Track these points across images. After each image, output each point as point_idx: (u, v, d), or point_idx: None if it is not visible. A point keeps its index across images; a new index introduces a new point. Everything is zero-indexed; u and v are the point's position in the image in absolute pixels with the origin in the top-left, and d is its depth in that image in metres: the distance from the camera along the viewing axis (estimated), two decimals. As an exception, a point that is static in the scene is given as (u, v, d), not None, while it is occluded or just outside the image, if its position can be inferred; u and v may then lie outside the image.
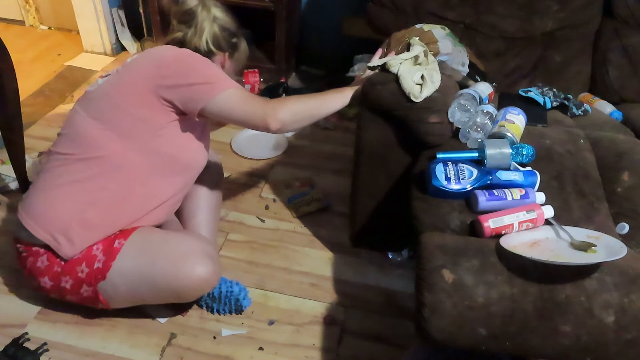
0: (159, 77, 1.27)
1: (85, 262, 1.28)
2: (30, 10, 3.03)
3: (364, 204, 1.57)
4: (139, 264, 1.28)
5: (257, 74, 2.48)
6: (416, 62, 1.39)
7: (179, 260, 1.29)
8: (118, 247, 1.28)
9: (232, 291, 1.47)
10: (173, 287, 1.30)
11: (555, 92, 1.65)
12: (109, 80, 1.34)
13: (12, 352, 1.31)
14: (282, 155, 2.15)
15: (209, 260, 1.31)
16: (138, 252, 1.29)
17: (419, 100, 1.32)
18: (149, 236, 1.34)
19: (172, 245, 1.32)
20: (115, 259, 1.27)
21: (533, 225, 1.11)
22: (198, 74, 1.29)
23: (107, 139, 1.28)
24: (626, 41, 1.83)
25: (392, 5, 1.93)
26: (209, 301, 1.49)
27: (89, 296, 1.31)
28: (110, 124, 1.29)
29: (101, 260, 1.28)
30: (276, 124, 1.27)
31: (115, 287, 1.29)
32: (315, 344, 1.43)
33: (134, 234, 1.32)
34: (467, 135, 1.34)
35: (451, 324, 1.00)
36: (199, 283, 1.30)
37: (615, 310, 0.97)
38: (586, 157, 1.34)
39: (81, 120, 1.32)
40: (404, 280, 1.61)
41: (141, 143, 1.30)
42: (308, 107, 1.36)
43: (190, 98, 1.27)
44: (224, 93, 1.27)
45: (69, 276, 1.29)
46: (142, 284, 1.29)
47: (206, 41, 1.40)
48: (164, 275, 1.28)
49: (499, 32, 1.90)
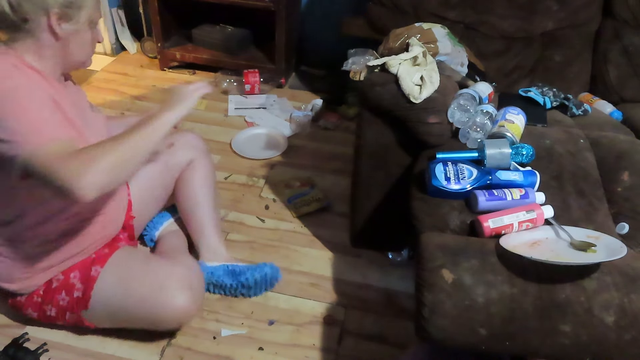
0: None
1: (65, 291, 1.28)
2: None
3: (364, 204, 1.57)
4: (118, 293, 1.27)
5: (257, 74, 2.48)
6: (415, 62, 1.39)
7: (157, 290, 1.26)
8: (95, 275, 1.27)
9: (265, 273, 1.50)
10: (151, 317, 1.28)
11: (555, 92, 1.64)
12: None
13: (12, 352, 1.31)
14: (282, 155, 2.15)
15: (187, 290, 1.27)
16: (117, 279, 1.28)
17: (418, 101, 1.32)
18: (129, 262, 1.33)
19: (151, 274, 1.29)
20: (94, 288, 1.26)
21: (533, 225, 1.11)
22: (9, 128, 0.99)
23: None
24: (626, 41, 1.83)
25: (392, 5, 1.93)
26: (244, 291, 1.51)
27: (75, 320, 1.32)
28: None
29: (80, 289, 1.28)
30: (87, 194, 0.97)
31: (96, 314, 1.30)
32: (315, 344, 1.43)
33: (112, 258, 1.30)
34: (466, 135, 1.34)
35: (451, 324, 1.00)
36: (177, 314, 1.28)
37: (615, 310, 0.97)
38: (586, 157, 1.34)
39: None
40: (404, 280, 1.61)
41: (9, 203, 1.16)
42: (127, 153, 1.04)
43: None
44: (33, 150, 0.99)
45: (51, 305, 1.30)
46: (122, 313, 1.29)
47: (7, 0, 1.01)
48: (143, 305, 1.26)
49: (499, 32, 1.90)
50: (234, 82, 2.51)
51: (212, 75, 2.64)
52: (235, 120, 2.35)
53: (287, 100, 2.50)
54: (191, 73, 2.70)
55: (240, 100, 2.47)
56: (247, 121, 2.34)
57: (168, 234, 1.62)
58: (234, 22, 2.68)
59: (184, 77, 2.68)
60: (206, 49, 2.66)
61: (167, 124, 1.13)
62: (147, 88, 2.57)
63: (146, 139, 1.08)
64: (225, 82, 2.51)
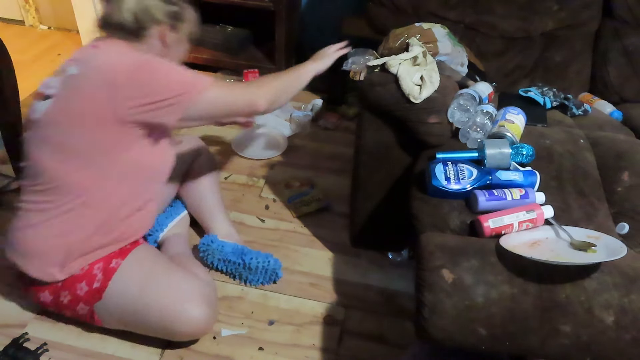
0: (115, 101, 1.13)
1: (86, 281, 1.28)
2: (30, 10, 3.03)
3: (364, 204, 1.57)
4: (134, 291, 1.26)
5: (257, 74, 2.48)
6: (415, 62, 1.39)
7: (180, 303, 1.27)
8: (115, 267, 1.27)
9: (269, 262, 1.54)
10: (165, 327, 1.28)
11: (555, 92, 1.64)
12: (53, 108, 1.19)
13: (12, 352, 1.31)
14: (282, 155, 2.15)
15: (206, 306, 1.29)
16: (136, 276, 1.28)
17: (418, 101, 1.32)
18: (151, 262, 1.33)
19: (174, 285, 1.29)
20: (112, 279, 1.26)
21: (533, 225, 1.11)
22: (164, 87, 1.15)
23: (68, 168, 1.20)
24: (626, 41, 1.83)
25: (392, 5, 1.93)
26: (244, 272, 1.55)
27: (84, 314, 1.31)
28: (67, 153, 1.19)
29: (99, 280, 1.27)
30: (264, 104, 1.25)
31: (109, 310, 1.29)
32: (315, 344, 1.43)
33: (133, 253, 1.31)
34: (466, 135, 1.34)
35: (451, 324, 1.00)
36: (194, 329, 1.29)
37: (615, 310, 0.97)
38: (586, 157, 1.34)
39: (37, 152, 1.22)
40: (404, 280, 1.61)
41: (106, 165, 1.21)
42: (285, 84, 1.36)
43: (163, 114, 1.16)
44: (201, 98, 1.18)
45: (68, 292, 1.29)
46: (134, 313, 1.28)
47: (131, 13, 1.20)
48: (158, 312, 1.26)
49: (499, 32, 1.90)
50: (234, 82, 2.51)
51: (212, 75, 2.64)
52: (235, 120, 2.35)
53: (287, 100, 2.50)
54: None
55: (240, 100, 2.47)
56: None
57: (173, 237, 1.62)
58: (234, 22, 2.69)
59: (184, 77, 2.68)
60: (206, 49, 2.66)
61: (311, 71, 1.44)
62: (147, 88, 2.56)
63: (298, 78, 1.41)
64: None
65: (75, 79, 1.17)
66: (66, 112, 1.17)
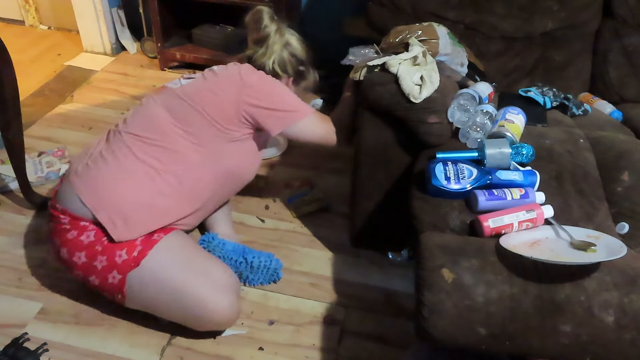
0: (243, 94, 1.36)
1: (127, 249, 1.28)
2: (30, 10, 3.03)
3: (364, 204, 1.57)
4: (173, 267, 1.29)
5: (257, 74, 2.48)
6: (415, 62, 1.39)
7: (213, 290, 1.30)
8: (157, 240, 1.30)
9: (270, 261, 1.56)
10: (196, 313, 1.30)
11: (555, 92, 1.65)
12: (193, 84, 1.41)
13: (12, 352, 1.31)
14: (282, 155, 2.15)
15: (236, 296, 1.35)
16: (176, 253, 1.32)
17: (418, 100, 1.32)
18: (188, 245, 1.37)
19: (210, 271, 1.33)
20: (152, 249, 1.28)
21: (533, 224, 1.11)
22: (280, 101, 1.41)
23: (179, 136, 1.36)
24: (626, 41, 1.83)
25: (392, 5, 1.93)
26: (245, 271, 1.55)
27: (113, 284, 1.28)
28: (185, 124, 1.36)
29: (139, 249, 1.28)
30: (335, 143, 1.53)
31: (143, 281, 1.27)
32: (315, 344, 1.43)
33: (174, 233, 1.36)
34: (466, 135, 1.34)
35: (451, 324, 1.00)
36: (223, 318, 1.33)
37: (615, 310, 0.97)
38: (586, 157, 1.34)
39: (157, 110, 1.38)
40: (404, 280, 1.61)
41: (211, 149, 1.38)
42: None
43: (271, 121, 1.39)
44: (303, 121, 1.43)
45: (106, 257, 1.27)
46: (169, 292, 1.28)
47: (273, 62, 1.49)
48: (194, 297, 1.28)
49: (499, 32, 1.90)
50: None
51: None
52: (235, 120, 2.35)
53: (287, 100, 2.50)
54: (191, 73, 2.70)
55: (241, 101, 2.47)
56: (247, 121, 2.34)
57: None
58: (234, 22, 2.68)
59: (184, 77, 2.68)
60: (206, 49, 2.66)
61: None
62: (147, 88, 2.57)
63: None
64: (225, 82, 2.51)
65: (216, 73, 1.43)
66: (202, 90, 1.39)
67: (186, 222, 1.43)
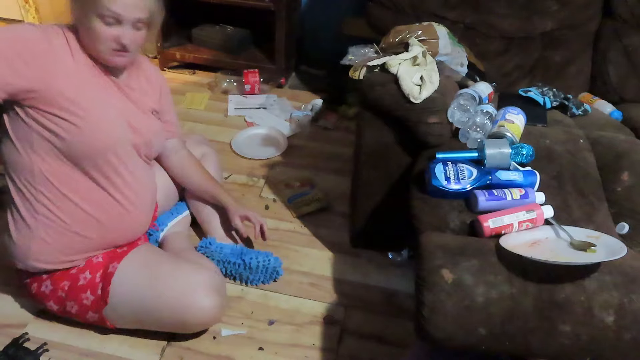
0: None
1: (90, 290, 1.29)
2: (30, 10, 3.02)
3: (364, 204, 1.57)
4: (140, 290, 1.28)
5: (257, 74, 2.48)
6: (415, 62, 1.39)
7: (185, 293, 1.28)
8: (112, 271, 1.29)
9: (269, 260, 1.54)
10: (177, 319, 1.30)
11: (555, 92, 1.64)
12: None
13: (12, 352, 1.31)
14: (282, 155, 2.15)
15: (216, 294, 1.31)
16: (136, 276, 1.29)
17: (418, 101, 1.32)
18: (149, 261, 1.34)
19: (179, 276, 1.30)
20: (112, 283, 1.27)
21: (533, 225, 1.11)
22: None
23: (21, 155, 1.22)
24: (626, 41, 1.83)
25: (392, 5, 1.93)
26: (244, 272, 1.54)
27: (95, 320, 1.33)
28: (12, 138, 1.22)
29: (100, 287, 1.29)
30: None
31: (117, 312, 1.30)
32: (315, 344, 1.43)
33: (128, 256, 1.32)
34: (466, 135, 1.34)
35: (451, 324, 1.00)
36: (204, 317, 1.31)
37: (615, 310, 0.97)
38: (586, 157, 1.34)
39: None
40: (404, 280, 1.61)
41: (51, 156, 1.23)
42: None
43: None
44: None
45: (74, 302, 1.30)
46: (145, 311, 1.29)
47: None
48: (171, 307, 1.27)
49: (499, 32, 1.90)
50: (234, 82, 2.51)
51: (212, 75, 2.63)
52: (235, 120, 2.35)
53: (287, 100, 2.50)
54: (191, 73, 2.70)
55: (240, 100, 2.47)
56: (247, 121, 2.34)
57: (173, 235, 1.62)
58: (234, 22, 2.68)
59: (183, 77, 2.68)
60: (206, 49, 2.66)
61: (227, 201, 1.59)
62: (147, 88, 2.56)
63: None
64: (225, 82, 2.51)
65: None
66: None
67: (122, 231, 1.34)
